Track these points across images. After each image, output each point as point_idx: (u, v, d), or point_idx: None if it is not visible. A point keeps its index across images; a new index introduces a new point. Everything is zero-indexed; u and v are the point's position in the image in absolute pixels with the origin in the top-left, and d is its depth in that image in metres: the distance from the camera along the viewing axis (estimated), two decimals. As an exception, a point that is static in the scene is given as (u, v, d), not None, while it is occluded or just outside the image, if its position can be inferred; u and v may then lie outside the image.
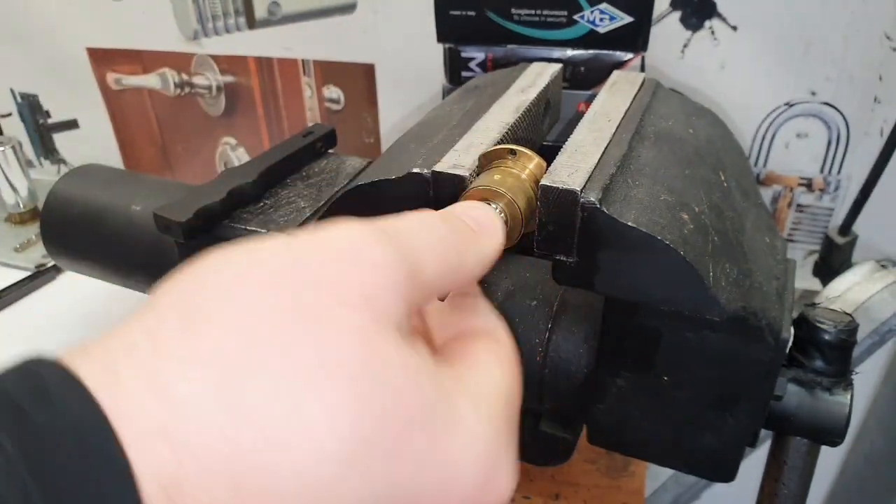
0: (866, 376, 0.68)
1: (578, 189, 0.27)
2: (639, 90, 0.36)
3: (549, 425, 0.37)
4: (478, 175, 0.30)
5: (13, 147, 0.70)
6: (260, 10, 0.67)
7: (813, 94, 0.56)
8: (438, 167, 0.30)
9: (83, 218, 0.46)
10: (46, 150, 0.84)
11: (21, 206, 0.71)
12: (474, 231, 0.23)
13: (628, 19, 0.50)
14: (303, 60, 0.69)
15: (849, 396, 0.32)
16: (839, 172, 0.59)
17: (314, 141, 0.44)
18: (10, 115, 0.82)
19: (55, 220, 0.47)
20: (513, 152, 0.29)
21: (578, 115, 0.34)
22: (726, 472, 0.33)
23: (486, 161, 0.30)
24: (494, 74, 0.45)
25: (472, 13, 0.53)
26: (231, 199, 0.39)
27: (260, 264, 0.17)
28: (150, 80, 0.76)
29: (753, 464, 0.40)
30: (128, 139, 0.81)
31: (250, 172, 0.40)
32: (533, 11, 0.51)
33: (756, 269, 0.31)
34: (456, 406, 0.18)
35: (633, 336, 0.31)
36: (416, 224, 0.20)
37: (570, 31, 0.51)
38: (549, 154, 0.29)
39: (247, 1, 0.67)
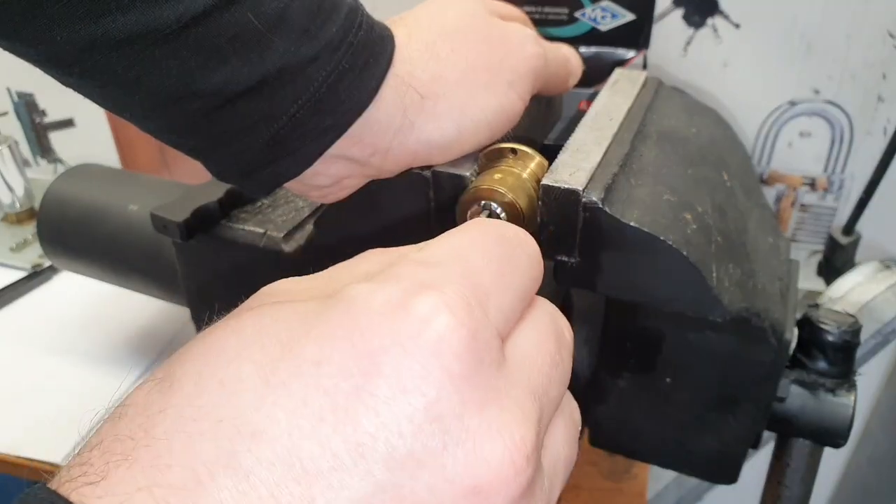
0: (870, 377, 0.68)
1: (580, 188, 0.26)
2: (641, 89, 0.36)
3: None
4: (478, 174, 0.29)
5: (9, 146, 0.69)
6: (258, 8, 0.67)
7: (816, 92, 0.56)
8: (438, 166, 0.29)
9: (80, 218, 0.46)
10: (43, 149, 0.84)
11: (17, 205, 0.71)
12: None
13: (630, 17, 0.50)
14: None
15: (852, 398, 0.31)
16: (843, 171, 0.59)
17: (313, 140, 0.44)
18: (6, 113, 0.82)
19: (52, 219, 0.47)
20: (514, 151, 0.29)
21: (580, 114, 0.34)
22: (729, 474, 0.33)
23: (487, 160, 0.30)
24: (495, 72, 0.45)
25: (472, 11, 0.53)
26: (229, 198, 0.39)
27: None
28: (148, 79, 0.75)
29: (756, 466, 0.40)
30: (125, 138, 0.81)
31: (248, 171, 0.40)
32: (534, 9, 0.51)
33: (759, 270, 0.31)
34: None
35: (635, 337, 0.31)
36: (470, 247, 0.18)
37: (572, 28, 0.51)
38: (550, 153, 0.29)
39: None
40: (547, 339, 0.19)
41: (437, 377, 0.15)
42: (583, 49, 0.51)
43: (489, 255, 0.18)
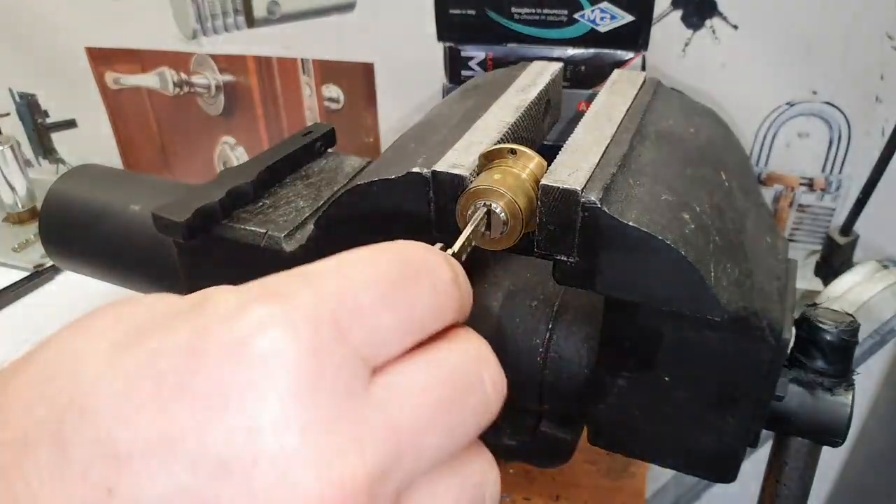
0: (867, 377, 0.68)
1: (579, 188, 0.26)
2: (639, 89, 0.36)
3: (549, 426, 0.37)
4: (478, 174, 0.29)
5: (11, 146, 0.70)
6: (259, 10, 0.67)
7: (814, 93, 0.56)
8: (438, 167, 0.30)
9: (82, 218, 0.46)
10: (45, 149, 0.84)
11: (19, 205, 0.71)
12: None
13: (629, 18, 0.50)
14: (302, 60, 0.69)
15: (850, 397, 0.31)
16: (840, 172, 0.59)
17: (313, 140, 0.44)
18: (8, 114, 0.82)
19: (54, 219, 0.47)
20: (513, 151, 0.29)
21: (579, 115, 0.34)
22: (727, 473, 0.33)
23: (487, 160, 0.30)
24: (495, 73, 0.45)
25: (472, 12, 0.53)
26: (230, 198, 0.39)
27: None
28: (149, 80, 0.75)
29: (754, 464, 0.40)
30: (126, 139, 0.81)
31: (249, 172, 0.40)
32: (533, 10, 0.51)
33: (757, 269, 0.31)
34: None
35: (633, 336, 0.31)
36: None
37: (571, 29, 0.51)
38: (549, 153, 0.29)
39: (246, 0, 0.67)
40: (440, 382, 0.17)
41: (258, 389, 0.14)
42: (582, 50, 0.52)
43: (377, 274, 0.17)
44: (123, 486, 0.14)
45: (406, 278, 0.17)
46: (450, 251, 0.23)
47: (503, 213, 0.28)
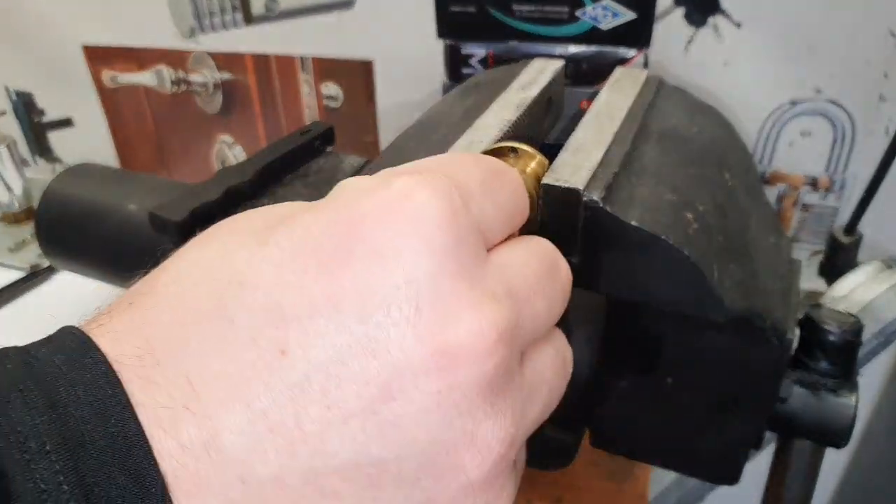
0: (872, 377, 0.67)
1: (581, 188, 0.26)
2: (642, 87, 0.36)
3: (551, 428, 0.37)
4: (478, 173, 0.29)
5: (7, 146, 0.69)
6: (257, 7, 0.67)
7: (818, 91, 0.56)
8: (438, 165, 0.29)
9: (79, 217, 0.46)
10: (41, 148, 0.84)
11: (16, 205, 0.71)
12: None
13: (631, 16, 0.50)
14: (300, 57, 0.68)
15: (854, 398, 0.31)
16: (844, 171, 0.58)
17: (312, 139, 0.44)
18: (4, 113, 0.82)
19: (50, 219, 0.47)
20: (514, 150, 0.29)
21: (581, 113, 0.34)
22: (730, 475, 0.33)
23: (487, 159, 0.29)
24: (495, 71, 0.45)
25: (472, 9, 0.53)
26: (228, 197, 0.39)
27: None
28: (146, 78, 0.75)
29: (757, 466, 0.40)
30: (123, 137, 0.81)
31: (247, 171, 0.40)
32: (534, 7, 0.50)
33: (761, 270, 0.31)
34: None
35: (636, 337, 0.31)
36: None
37: (573, 27, 0.51)
38: (551, 152, 0.29)
39: (244, -3, 0.67)
40: (535, 260, 0.19)
41: (412, 244, 0.16)
42: (583, 48, 0.51)
43: (473, 169, 0.19)
44: (295, 345, 0.15)
45: (492, 178, 0.19)
46: None
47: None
